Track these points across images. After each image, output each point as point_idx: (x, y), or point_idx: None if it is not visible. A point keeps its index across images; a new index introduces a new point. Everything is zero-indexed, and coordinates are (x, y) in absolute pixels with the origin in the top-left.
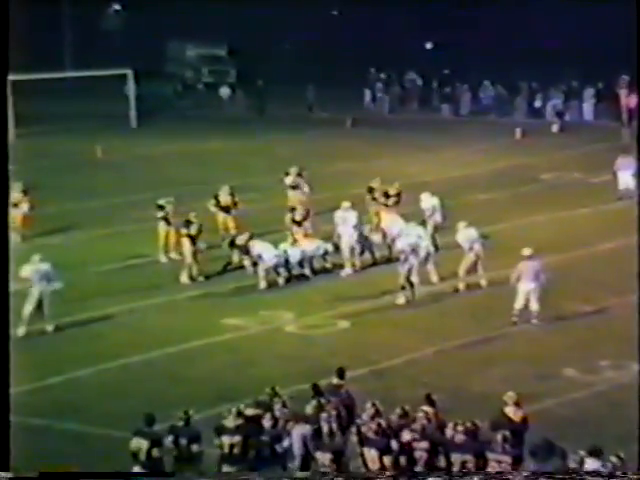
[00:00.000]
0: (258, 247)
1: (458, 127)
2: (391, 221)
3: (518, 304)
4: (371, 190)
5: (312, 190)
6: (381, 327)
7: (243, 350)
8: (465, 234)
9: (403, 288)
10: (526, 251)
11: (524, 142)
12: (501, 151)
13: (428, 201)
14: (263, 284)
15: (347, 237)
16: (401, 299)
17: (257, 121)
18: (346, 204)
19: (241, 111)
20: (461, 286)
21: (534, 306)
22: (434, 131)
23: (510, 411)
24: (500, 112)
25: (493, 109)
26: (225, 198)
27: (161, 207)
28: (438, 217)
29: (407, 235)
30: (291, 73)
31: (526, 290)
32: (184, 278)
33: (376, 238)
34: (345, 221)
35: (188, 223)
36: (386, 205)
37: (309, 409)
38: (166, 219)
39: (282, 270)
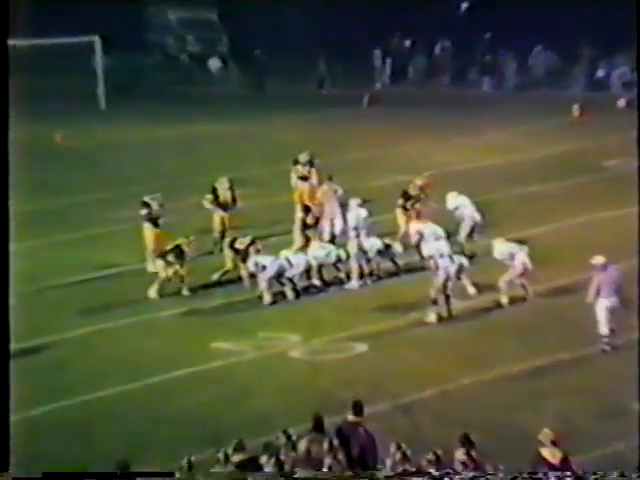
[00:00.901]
0: (260, 254)
1: (501, 104)
2: (414, 224)
3: (603, 326)
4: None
5: (321, 183)
6: (406, 351)
7: (237, 380)
8: (502, 250)
9: (435, 302)
10: (598, 259)
11: (583, 121)
12: (554, 133)
13: (454, 202)
14: (268, 298)
15: (354, 241)
16: (431, 316)
17: (255, 100)
18: (354, 201)
19: (235, 88)
20: (504, 300)
21: (607, 327)
22: (471, 110)
23: (547, 452)
24: (554, 85)
25: (545, 81)
26: (224, 193)
27: (146, 205)
28: (476, 216)
29: (434, 239)
30: (296, 42)
31: (605, 307)
32: (152, 292)
33: (397, 246)
34: (354, 221)
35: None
36: (404, 208)
37: (301, 445)
38: (153, 219)
39: (286, 282)
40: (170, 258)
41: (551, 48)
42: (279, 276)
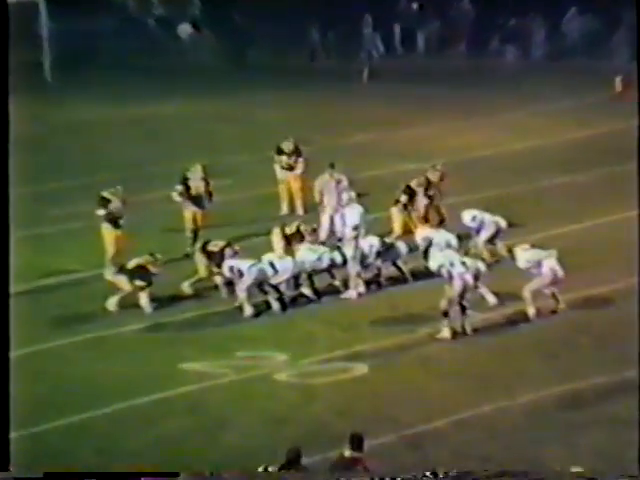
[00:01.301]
0: (237, 258)
1: (528, 77)
2: (421, 230)
3: None
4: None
5: (308, 172)
6: (415, 373)
7: (212, 409)
8: (527, 258)
9: (446, 315)
10: None
11: (626, 97)
12: (592, 111)
13: (470, 218)
14: (248, 310)
15: (352, 242)
16: (444, 331)
17: (233, 74)
18: (349, 194)
19: (209, 58)
20: (531, 312)
21: None
22: (492, 85)
23: None
24: (591, 54)
25: (580, 50)
26: (197, 184)
27: (105, 201)
28: (500, 221)
29: (444, 246)
30: (282, 4)
31: None
32: (112, 304)
33: (400, 245)
34: (344, 219)
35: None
36: (404, 207)
37: None
38: (112, 219)
39: (270, 290)
40: (135, 280)
41: (588, 11)
42: (261, 284)
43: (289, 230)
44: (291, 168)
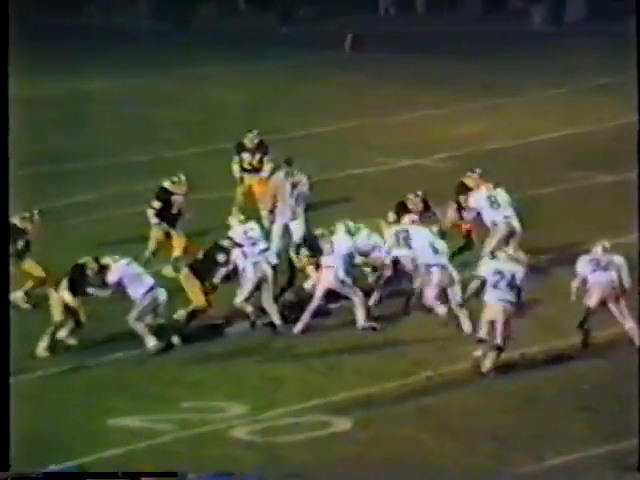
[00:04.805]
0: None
1: (559, 47)
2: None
3: None
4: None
5: (276, 172)
6: (411, 429)
7: None
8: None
9: (481, 341)
10: None
11: None
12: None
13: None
14: (151, 343)
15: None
16: (486, 362)
17: (176, 40)
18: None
19: (145, 21)
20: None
21: None
22: (513, 56)
23: None
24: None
25: (622, 12)
26: (179, 200)
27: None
28: (514, 223)
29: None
30: None
31: None
32: (41, 350)
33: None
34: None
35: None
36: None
37: None
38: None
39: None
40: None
41: None
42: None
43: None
44: (255, 170)
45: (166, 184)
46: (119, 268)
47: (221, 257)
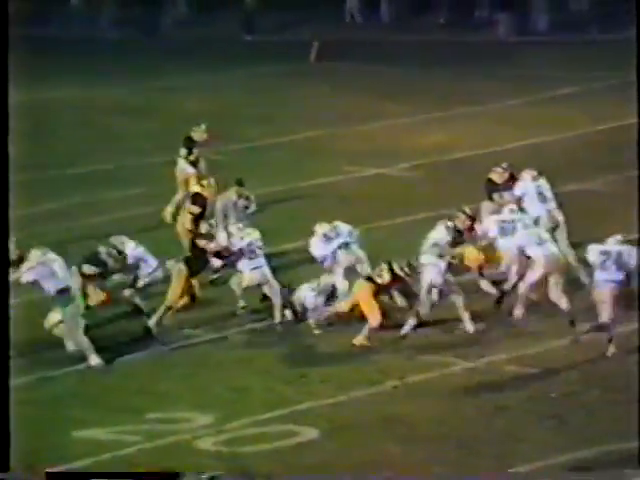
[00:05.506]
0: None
1: (523, 57)
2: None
3: None
4: None
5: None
6: (379, 438)
7: None
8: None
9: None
10: None
11: None
12: (608, 99)
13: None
14: (94, 361)
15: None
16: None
17: (140, 49)
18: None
19: (108, 29)
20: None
21: None
22: (479, 65)
23: None
24: (605, 26)
25: (592, 22)
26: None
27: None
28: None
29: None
30: None
31: None
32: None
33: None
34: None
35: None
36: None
37: None
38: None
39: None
40: None
41: None
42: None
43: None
44: (196, 163)
45: (197, 189)
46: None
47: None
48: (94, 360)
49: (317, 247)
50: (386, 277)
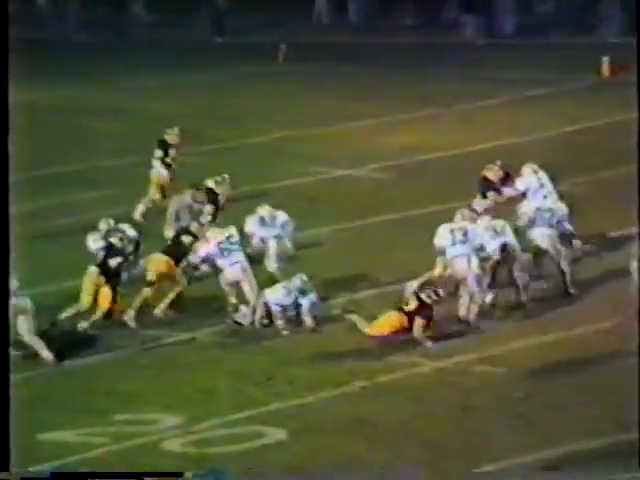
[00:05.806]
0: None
1: (492, 58)
2: None
3: None
4: None
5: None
6: (347, 440)
7: None
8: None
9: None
10: None
11: (616, 82)
12: (573, 101)
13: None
14: (46, 355)
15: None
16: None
17: (110, 51)
18: (264, 210)
19: (76, 31)
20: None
21: None
22: (446, 67)
23: None
24: (572, 28)
25: (558, 25)
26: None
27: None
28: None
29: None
30: None
31: None
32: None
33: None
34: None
35: None
36: None
37: None
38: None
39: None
40: None
41: None
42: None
43: None
44: (170, 165)
45: (211, 184)
46: None
47: (186, 239)
48: (46, 355)
49: (251, 225)
50: (412, 305)
